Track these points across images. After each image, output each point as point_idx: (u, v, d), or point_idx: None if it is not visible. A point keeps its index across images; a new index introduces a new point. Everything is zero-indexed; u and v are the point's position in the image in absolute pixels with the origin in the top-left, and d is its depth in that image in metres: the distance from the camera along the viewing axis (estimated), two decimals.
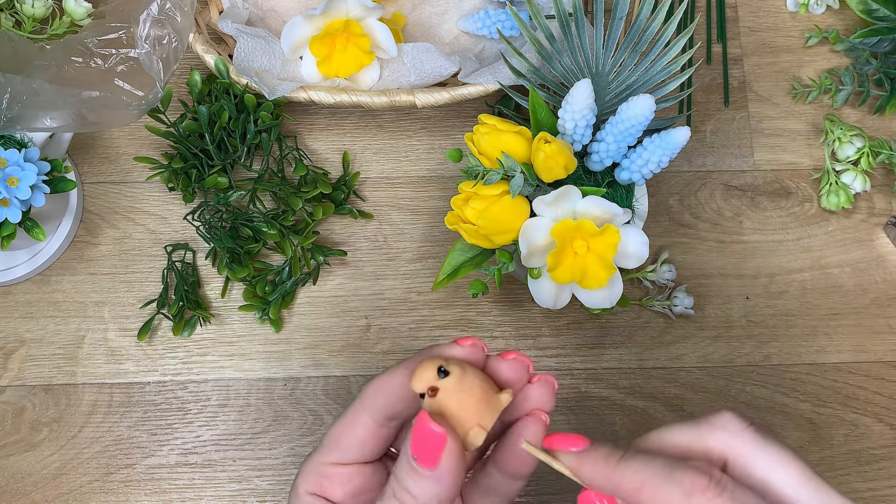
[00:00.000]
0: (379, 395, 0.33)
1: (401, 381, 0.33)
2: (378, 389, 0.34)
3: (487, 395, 0.30)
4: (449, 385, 0.29)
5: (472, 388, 0.30)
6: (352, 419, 0.34)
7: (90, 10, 0.58)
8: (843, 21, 0.67)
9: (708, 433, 0.30)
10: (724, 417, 0.30)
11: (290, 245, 0.57)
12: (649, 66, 0.52)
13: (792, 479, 0.29)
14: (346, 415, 0.34)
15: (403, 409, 0.34)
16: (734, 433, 0.30)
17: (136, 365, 0.58)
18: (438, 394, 0.29)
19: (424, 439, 0.29)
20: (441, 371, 0.30)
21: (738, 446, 0.30)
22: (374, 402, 0.34)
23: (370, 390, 0.34)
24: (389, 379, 0.33)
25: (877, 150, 0.61)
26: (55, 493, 0.55)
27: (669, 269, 0.58)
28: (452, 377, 0.30)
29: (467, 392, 0.30)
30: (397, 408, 0.33)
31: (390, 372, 0.33)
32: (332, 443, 0.34)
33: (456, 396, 0.29)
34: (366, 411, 0.34)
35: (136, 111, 0.52)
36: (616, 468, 0.29)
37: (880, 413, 0.58)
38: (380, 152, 0.62)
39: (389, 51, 0.58)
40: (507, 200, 0.48)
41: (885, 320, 0.60)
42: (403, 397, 0.33)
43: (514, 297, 0.59)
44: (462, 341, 0.32)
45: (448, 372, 0.30)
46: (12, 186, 0.50)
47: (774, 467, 0.29)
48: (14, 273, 0.58)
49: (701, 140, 0.63)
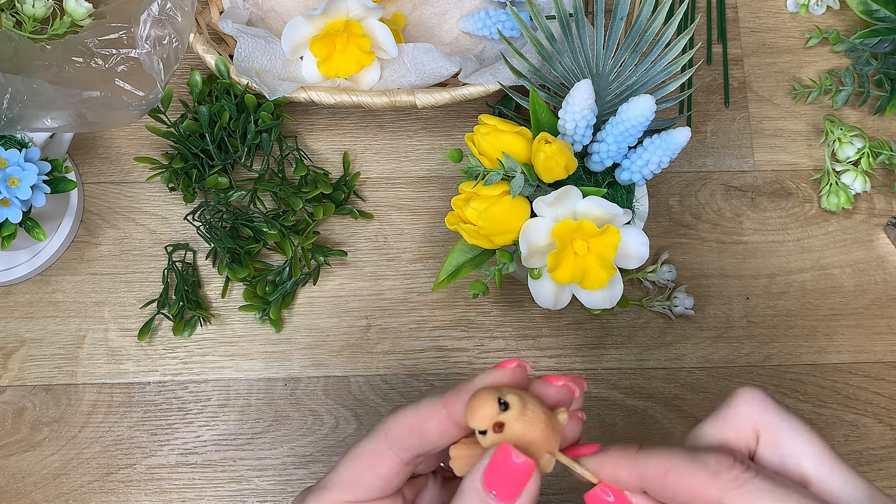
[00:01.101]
0: (412, 434, 0.31)
1: (438, 419, 0.30)
2: (412, 429, 0.31)
3: (549, 419, 0.29)
4: (512, 417, 0.28)
5: (534, 415, 0.28)
6: (375, 457, 0.32)
7: (91, 11, 0.58)
8: (843, 22, 0.67)
9: (733, 416, 0.30)
10: (745, 394, 0.30)
11: (290, 245, 0.57)
12: (650, 66, 0.52)
13: (813, 455, 0.29)
14: (366, 452, 0.32)
15: (440, 447, 0.31)
16: (759, 405, 0.30)
17: (137, 365, 0.58)
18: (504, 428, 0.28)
19: (506, 472, 0.28)
20: (500, 403, 0.28)
21: (765, 418, 0.30)
22: (404, 441, 0.31)
23: (400, 428, 0.31)
24: (423, 417, 0.31)
25: (877, 151, 0.61)
26: (55, 493, 0.55)
27: (669, 270, 0.58)
28: (514, 409, 0.28)
29: (530, 421, 0.28)
30: (433, 445, 0.31)
31: (422, 408, 0.31)
32: (350, 482, 0.32)
33: (521, 427, 0.28)
34: (393, 450, 0.31)
35: (136, 111, 0.52)
36: (638, 458, 0.29)
37: (880, 413, 0.58)
38: (380, 152, 0.63)
39: (390, 51, 0.58)
40: (507, 201, 0.48)
41: (885, 321, 0.60)
42: (443, 434, 0.31)
43: (515, 297, 0.59)
44: (506, 364, 0.31)
45: (507, 403, 0.28)
46: (13, 186, 0.50)
47: (797, 440, 0.29)
48: (14, 273, 0.58)
49: (701, 140, 0.63)
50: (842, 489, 0.28)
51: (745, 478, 0.27)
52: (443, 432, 0.31)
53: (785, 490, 0.27)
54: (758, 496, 0.27)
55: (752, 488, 0.27)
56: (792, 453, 0.29)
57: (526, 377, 0.31)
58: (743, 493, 0.27)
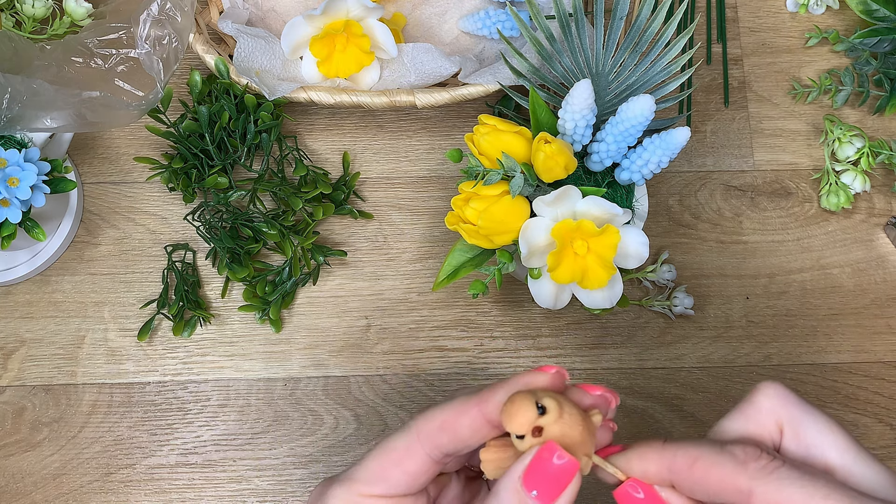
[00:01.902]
0: (443, 432, 0.31)
1: (471, 417, 0.31)
2: (444, 427, 0.31)
3: (585, 422, 0.29)
4: (551, 420, 0.28)
5: (571, 419, 0.28)
6: (405, 454, 0.32)
7: (90, 11, 0.58)
8: (843, 21, 0.67)
9: (755, 410, 0.31)
10: (766, 389, 0.31)
11: (290, 245, 0.57)
12: (649, 66, 0.52)
13: (837, 445, 0.29)
14: (396, 447, 0.32)
15: (471, 446, 0.31)
16: (781, 399, 0.30)
17: (137, 365, 0.58)
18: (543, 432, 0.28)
19: (548, 472, 0.28)
20: (538, 407, 0.28)
21: (787, 411, 0.30)
22: (436, 440, 0.31)
23: (433, 426, 0.31)
24: (457, 415, 0.31)
25: (877, 151, 0.61)
26: (55, 493, 0.55)
27: (669, 270, 0.58)
28: (552, 412, 0.28)
29: (568, 424, 0.28)
30: (465, 444, 0.31)
31: (456, 407, 0.31)
32: (378, 475, 0.32)
33: (559, 430, 0.28)
34: (423, 447, 0.31)
35: (136, 111, 0.52)
36: (665, 450, 0.29)
37: (880, 413, 0.58)
38: (380, 152, 0.63)
39: (390, 51, 0.58)
40: (507, 201, 0.48)
41: (884, 320, 0.60)
42: (475, 433, 0.31)
43: (515, 297, 0.59)
44: (546, 369, 0.31)
45: (545, 407, 0.28)
46: (12, 186, 0.50)
47: (820, 431, 0.30)
48: (14, 273, 0.58)
49: (701, 140, 0.63)
50: (866, 476, 0.29)
51: (773, 466, 0.28)
52: (475, 430, 0.31)
53: (812, 477, 0.27)
54: (786, 483, 0.27)
55: (780, 475, 0.27)
56: (816, 444, 0.30)
57: (564, 384, 0.31)
58: (772, 480, 0.27)
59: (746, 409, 0.31)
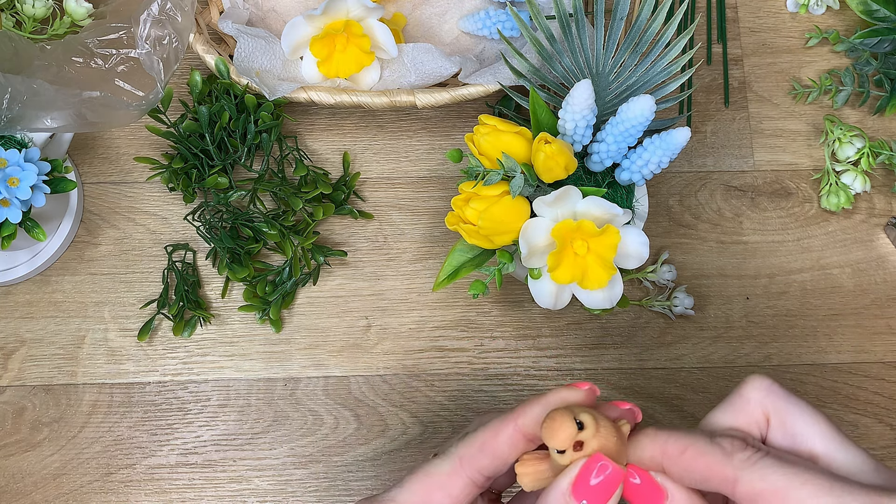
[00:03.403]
0: (484, 454, 0.32)
1: (508, 433, 0.32)
2: (484, 448, 0.32)
3: (619, 434, 0.30)
4: (590, 435, 0.30)
5: (607, 431, 0.30)
6: (449, 479, 0.32)
7: (91, 11, 0.58)
8: (843, 21, 0.67)
9: (743, 402, 0.32)
10: (754, 382, 0.32)
11: (290, 245, 0.57)
12: (650, 66, 0.52)
13: (821, 434, 0.31)
14: (440, 472, 0.33)
15: (511, 462, 0.33)
16: (767, 391, 0.32)
17: (137, 365, 0.58)
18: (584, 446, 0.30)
19: (596, 482, 0.29)
20: (577, 423, 0.30)
21: (773, 402, 0.31)
22: (478, 462, 0.32)
23: (473, 450, 0.32)
24: (493, 434, 0.32)
25: (877, 151, 0.61)
26: (55, 493, 0.55)
27: (669, 270, 0.58)
28: (590, 428, 0.30)
29: (604, 437, 0.30)
30: (504, 462, 0.32)
31: (494, 427, 0.32)
32: (421, 499, 0.33)
33: (597, 443, 0.30)
34: (467, 471, 0.32)
35: (136, 111, 0.52)
36: (658, 436, 0.31)
37: (880, 413, 0.58)
38: (380, 153, 0.63)
39: (390, 51, 0.58)
40: (507, 201, 0.48)
41: (884, 321, 0.60)
42: (513, 447, 0.32)
43: (515, 297, 0.59)
44: (579, 385, 0.32)
45: (583, 423, 0.30)
46: (13, 186, 0.50)
47: (805, 421, 0.31)
48: (14, 273, 0.58)
49: (701, 140, 0.63)
50: (847, 462, 0.30)
51: (757, 457, 0.29)
52: (512, 446, 0.32)
53: (793, 465, 0.29)
54: (769, 471, 0.29)
55: (763, 465, 0.29)
56: (801, 433, 0.31)
57: (595, 399, 0.33)
58: (756, 469, 0.29)
59: (735, 402, 0.32)
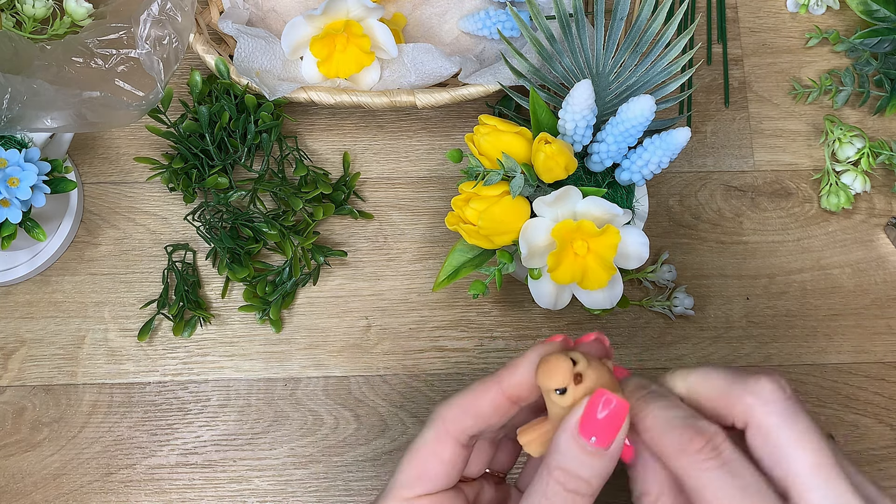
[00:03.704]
0: (466, 415, 0.33)
1: (492, 396, 0.32)
2: (466, 409, 0.33)
3: (608, 368, 0.30)
4: (586, 366, 0.29)
5: (598, 363, 0.30)
6: (436, 446, 0.33)
7: (91, 11, 0.58)
8: (843, 22, 0.67)
9: (738, 395, 0.30)
10: (760, 384, 0.30)
11: (290, 245, 0.57)
12: (650, 66, 0.52)
13: (807, 461, 0.28)
14: (426, 441, 0.33)
15: (494, 425, 0.33)
16: (765, 402, 0.30)
17: (137, 365, 0.58)
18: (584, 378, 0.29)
19: (602, 417, 0.29)
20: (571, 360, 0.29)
21: (763, 417, 0.29)
22: (461, 423, 0.33)
23: (454, 412, 0.33)
24: (475, 396, 0.33)
25: (877, 151, 0.61)
26: (55, 493, 0.55)
27: (669, 270, 0.58)
28: (582, 361, 0.29)
29: (599, 368, 0.30)
30: (488, 424, 0.33)
31: (476, 389, 0.33)
32: (416, 474, 0.33)
33: (595, 374, 0.29)
34: (449, 435, 0.33)
35: (136, 111, 0.52)
36: (635, 404, 0.30)
37: (880, 414, 0.58)
38: (380, 153, 0.63)
39: (390, 51, 0.58)
40: (507, 201, 0.48)
41: (885, 321, 0.60)
42: (496, 410, 0.32)
43: (515, 297, 0.59)
44: (554, 338, 0.32)
45: (575, 360, 0.29)
46: (13, 187, 0.50)
47: (795, 445, 0.29)
48: (14, 273, 0.58)
49: (701, 141, 0.63)
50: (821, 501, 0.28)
51: (708, 465, 0.28)
52: (496, 408, 0.32)
53: (743, 491, 0.27)
54: (711, 485, 0.28)
55: (710, 477, 0.28)
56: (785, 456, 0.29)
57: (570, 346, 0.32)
58: (699, 475, 0.28)
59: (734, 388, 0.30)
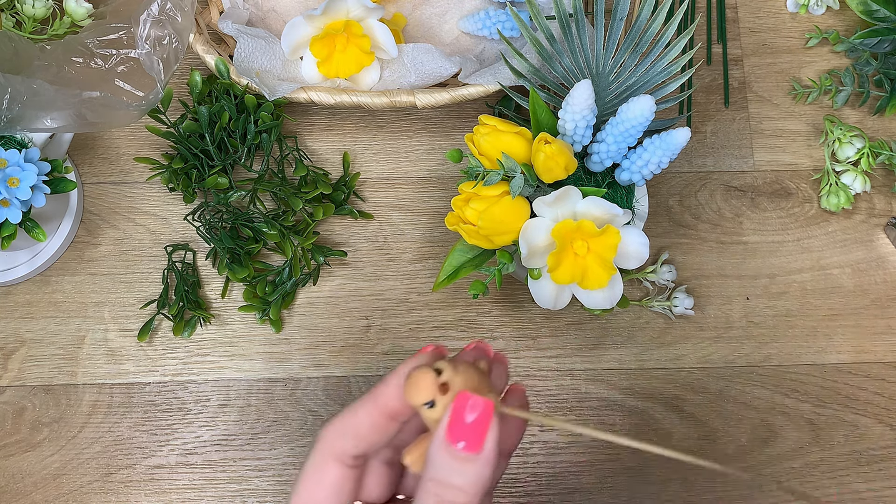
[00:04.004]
0: (345, 436, 0.32)
1: (367, 413, 0.31)
2: (343, 430, 0.32)
3: (478, 371, 0.30)
4: (451, 374, 0.29)
5: (465, 367, 0.29)
6: (320, 471, 0.32)
7: (91, 11, 0.58)
8: (843, 22, 0.67)
9: None
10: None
11: (290, 245, 0.57)
12: (649, 66, 0.52)
13: None
14: (311, 468, 0.32)
15: (375, 443, 0.32)
16: None
17: (137, 365, 0.58)
18: (449, 386, 0.29)
19: (468, 420, 0.28)
20: (436, 370, 0.29)
21: None
22: (341, 446, 0.32)
23: (330, 435, 0.32)
24: (351, 417, 0.32)
25: (877, 151, 0.61)
26: (55, 493, 0.55)
27: (669, 270, 0.58)
28: (448, 369, 0.29)
29: (465, 372, 0.29)
30: (368, 442, 0.32)
31: (352, 410, 0.32)
32: (304, 501, 0.32)
33: (461, 380, 0.29)
34: (331, 457, 0.32)
35: (136, 111, 0.52)
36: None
37: (880, 414, 0.58)
38: (380, 153, 0.63)
39: (390, 51, 0.58)
40: (507, 201, 0.48)
41: (885, 321, 0.60)
42: (374, 428, 0.32)
43: (515, 297, 0.59)
44: (424, 349, 0.32)
45: (439, 369, 0.29)
46: (13, 187, 0.50)
47: None
48: (14, 273, 0.58)
49: (701, 141, 0.63)
50: None
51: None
52: (373, 426, 0.31)
53: None
54: None
55: None
56: None
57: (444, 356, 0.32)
58: None
59: None
